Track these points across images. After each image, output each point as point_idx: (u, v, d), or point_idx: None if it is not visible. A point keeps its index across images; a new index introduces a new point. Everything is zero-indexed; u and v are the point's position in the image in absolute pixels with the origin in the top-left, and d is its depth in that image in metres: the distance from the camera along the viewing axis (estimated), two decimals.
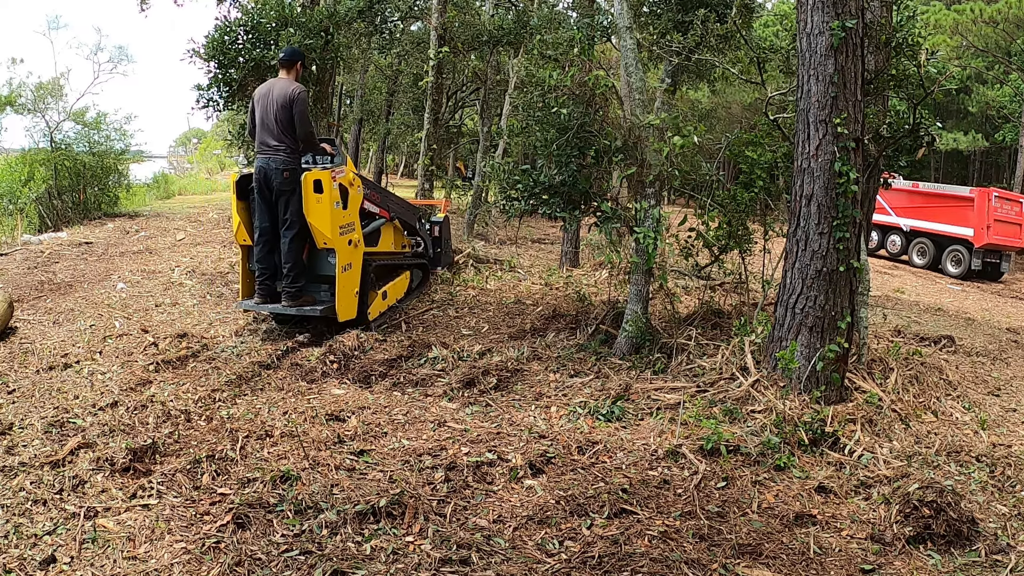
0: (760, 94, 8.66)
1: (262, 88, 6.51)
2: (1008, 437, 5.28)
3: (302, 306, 6.40)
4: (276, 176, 6.23)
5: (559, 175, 6.28)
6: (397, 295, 7.82)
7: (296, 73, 6.52)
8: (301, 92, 6.28)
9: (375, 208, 7.20)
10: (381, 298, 7.29)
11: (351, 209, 6.51)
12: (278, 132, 6.24)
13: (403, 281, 8.02)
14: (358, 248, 6.60)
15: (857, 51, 5.18)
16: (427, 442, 4.53)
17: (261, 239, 6.45)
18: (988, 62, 24.49)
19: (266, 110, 6.28)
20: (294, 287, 6.37)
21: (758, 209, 6.80)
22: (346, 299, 6.48)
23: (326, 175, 6.19)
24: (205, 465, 4.02)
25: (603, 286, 8.87)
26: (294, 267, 6.35)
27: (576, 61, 6.20)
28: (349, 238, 6.44)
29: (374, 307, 7.09)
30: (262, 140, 6.31)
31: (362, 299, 6.70)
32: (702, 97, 28.02)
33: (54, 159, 12.51)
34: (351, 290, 6.53)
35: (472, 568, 3.18)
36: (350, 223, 6.48)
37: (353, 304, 6.57)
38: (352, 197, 6.53)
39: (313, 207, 6.19)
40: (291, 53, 6.54)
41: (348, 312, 6.52)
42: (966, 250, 18.17)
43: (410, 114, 24.24)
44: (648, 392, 5.43)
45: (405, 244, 8.31)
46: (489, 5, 16.91)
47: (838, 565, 3.37)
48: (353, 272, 6.52)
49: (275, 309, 6.46)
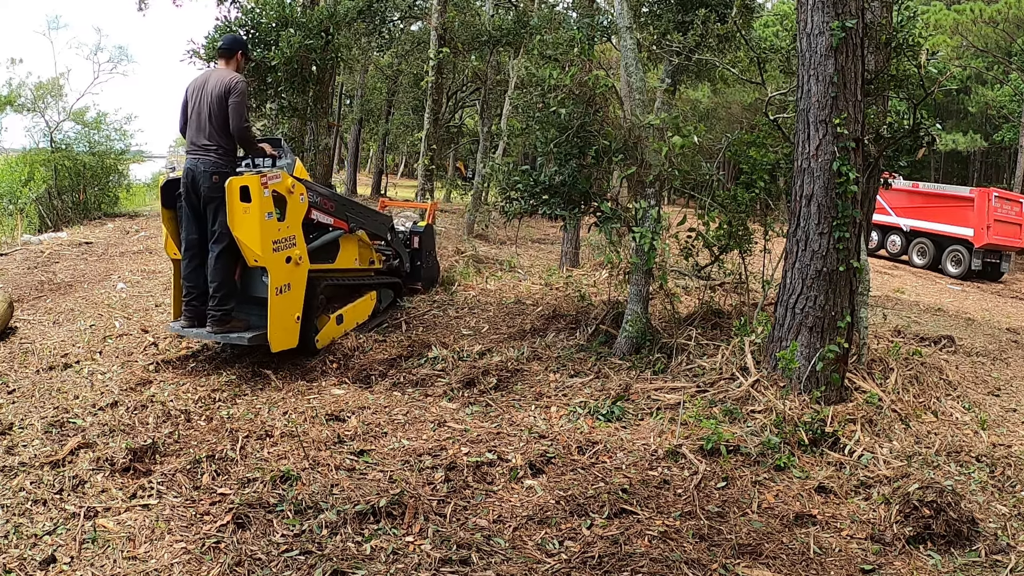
0: (760, 94, 8.67)
1: (196, 80, 5.76)
2: (1008, 437, 5.28)
3: (228, 332, 5.50)
4: (204, 180, 5.44)
5: (559, 175, 6.29)
6: (358, 318, 6.84)
7: (237, 64, 5.77)
8: (239, 83, 5.51)
9: (328, 218, 6.25)
10: (335, 323, 6.38)
11: (290, 220, 5.58)
12: (210, 130, 5.48)
13: (366, 303, 7.01)
14: (299, 266, 5.62)
15: (857, 51, 5.18)
16: (427, 442, 4.53)
17: (188, 253, 5.65)
18: (988, 62, 24.51)
19: (199, 105, 5.53)
20: (220, 310, 5.52)
21: (758, 209, 6.81)
22: (281, 325, 5.52)
23: (254, 180, 5.24)
24: (205, 465, 4.02)
25: (603, 286, 8.88)
26: (221, 286, 5.51)
27: (576, 61, 6.20)
28: (287, 255, 5.50)
29: (325, 333, 6.21)
30: (192, 139, 5.57)
31: (306, 324, 5.84)
32: (702, 97, 28.03)
33: (54, 159, 12.52)
34: (288, 315, 5.59)
35: (472, 568, 3.18)
36: (288, 237, 5.53)
37: (292, 331, 5.64)
38: (292, 206, 5.61)
39: (239, 218, 5.28)
40: (230, 41, 5.80)
41: (285, 340, 5.58)
42: (966, 250, 18.19)
43: (410, 114, 24.27)
44: (648, 392, 5.43)
45: (373, 259, 7.41)
46: (489, 5, 16.92)
47: (838, 565, 3.37)
48: (292, 294, 5.58)
49: (200, 334, 5.63)
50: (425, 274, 8.53)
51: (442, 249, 11.67)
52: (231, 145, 5.57)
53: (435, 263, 8.89)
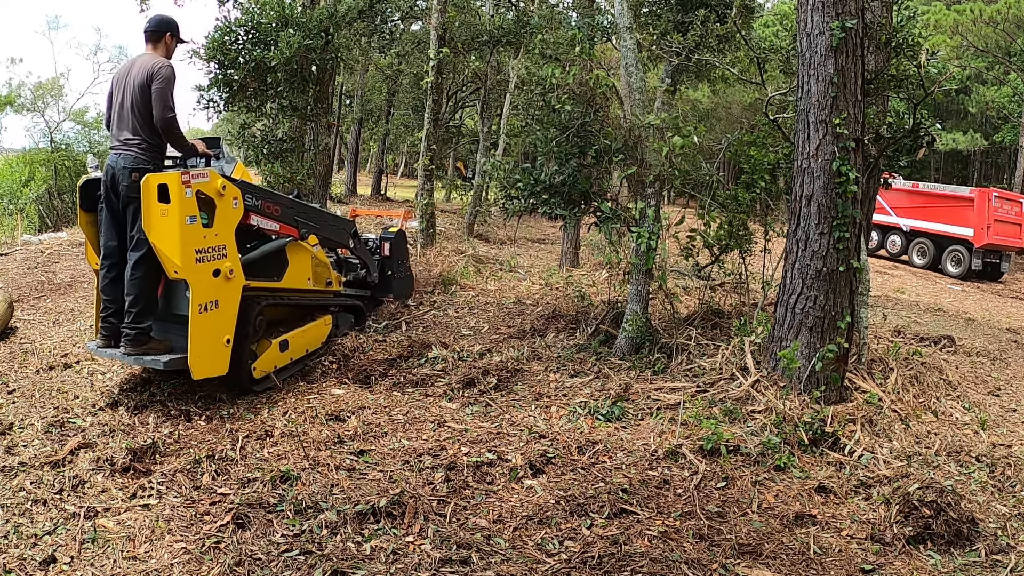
0: (760, 94, 8.67)
1: (121, 68, 5.13)
2: (1008, 437, 5.28)
3: (143, 355, 4.75)
4: (123, 178, 4.75)
5: (559, 174, 6.29)
6: (308, 345, 5.91)
7: (166, 48, 5.07)
8: (164, 67, 4.80)
9: (272, 224, 5.46)
10: (278, 349, 5.46)
11: (220, 227, 4.79)
12: (133, 122, 4.82)
13: (319, 328, 6.07)
14: (231, 281, 4.83)
15: (857, 51, 5.18)
16: (427, 442, 4.53)
17: (106, 262, 4.93)
18: (988, 62, 24.51)
19: (123, 95, 4.89)
20: (135, 328, 4.75)
21: (758, 209, 6.81)
22: (205, 349, 4.70)
23: (174, 178, 4.51)
24: (205, 465, 4.02)
25: (603, 286, 8.88)
26: (137, 300, 4.74)
27: (577, 60, 6.20)
28: (214, 267, 4.71)
29: (264, 360, 5.31)
30: (115, 134, 4.96)
31: (239, 349, 5.02)
32: (702, 97, 28.04)
33: (54, 159, 12.54)
34: (215, 337, 4.76)
35: (472, 568, 3.18)
36: (217, 246, 4.74)
37: (219, 356, 4.80)
38: (223, 211, 4.82)
39: (156, 222, 4.53)
40: (156, 22, 5.07)
41: (210, 366, 4.75)
42: (966, 250, 18.18)
43: (410, 114, 24.28)
44: (648, 392, 5.43)
45: (331, 280, 6.48)
46: (489, 5, 16.92)
47: (838, 565, 3.37)
48: (221, 313, 4.78)
49: (114, 355, 4.90)
50: (397, 285, 7.76)
51: (442, 249, 11.66)
52: (156, 140, 4.87)
53: (408, 273, 8.11)
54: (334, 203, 17.59)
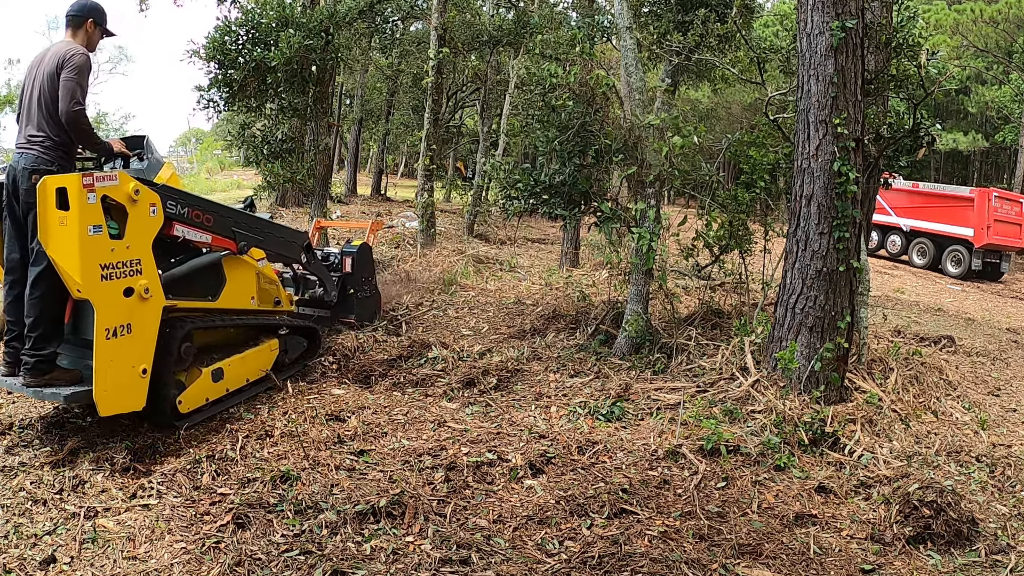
0: (760, 94, 8.67)
1: (35, 57, 4.44)
2: (1008, 437, 5.28)
3: (43, 386, 4.07)
4: (23, 181, 4.11)
5: (559, 174, 6.29)
6: (249, 374, 5.16)
7: (87, 36, 4.40)
8: (77, 55, 4.16)
9: (202, 236, 4.73)
10: (210, 379, 4.75)
11: (133, 238, 4.06)
12: (39, 117, 4.19)
13: (262, 353, 5.31)
14: (147, 301, 4.09)
15: (857, 51, 5.18)
16: (427, 442, 4.53)
17: (8, 278, 4.32)
18: (988, 62, 24.51)
19: (32, 86, 4.27)
20: (36, 355, 4.08)
21: (758, 209, 6.81)
22: (114, 380, 3.96)
23: (74, 181, 3.83)
24: (205, 465, 4.02)
25: (603, 286, 8.88)
26: (38, 323, 4.08)
27: (577, 60, 6.20)
28: (125, 284, 4.00)
29: (193, 392, 4.62)
30: (22, 130, 4.33)
31: (158, 380, 4.28)
32: (702, 97, 28.05)
33: None
34: (126, 366, 4.02)
35: (472, 568, 3.18)
36: (128, 261, 4.02)
37: (133, 388, 4.06)
38: (136, 219, 4.10)
39: (54, 232, 3.85)
40: (80, 7, 4.39)
41: (121, 400, 4.03)
42: (966, 250, 18.18)
43: (410, 114, 24.27)
44: (648, 392, 5.43)
45: (280, 299, 5.72)
46: (489, 5, 16.92)
47: (838, 565, 3.37)
48: (134, 339, 4.05)
49: (13, 385, 4.19)
50: (360, 306, 6.89)
51: (442, 249, 11.65)
52: (64, 137, 4.20)
53: (375, 291, 7.26)
54: (334, 203, 17.59)
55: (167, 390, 4.42)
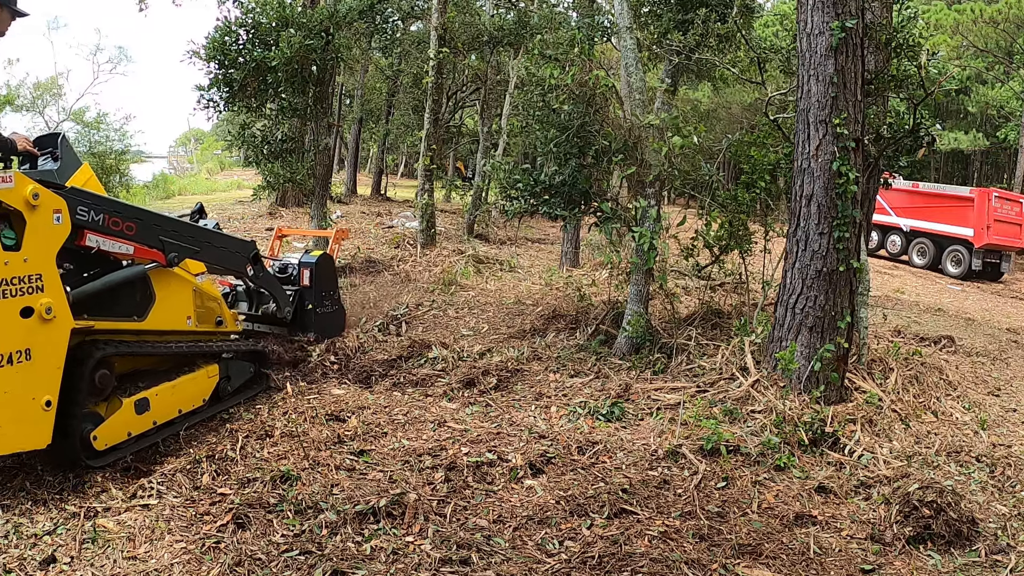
0: (760, 94, 8.67)
1: None
2: (1008, 437, 5.28)
3: None
4: None
5: (559, 175, 6.29)
6: (182, 404, 4.54)
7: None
8: None
9: (123, 246, 4.15)
10: (133, 411, 4.14)
11: (32, 249, 3.54)
12: None
13: (199, 381, 4.71)
14: (50, 322, 3.57)
15: (857, 51, 5.18)
16: (427, 442, 4.53)
17: None
18: (988, 62, 24.51)
19: None
20: None
21: (758, 209, 6.81)
22: (11, 414, 3.45)
23: None
24: (205, 465, 4.02)
25: (603, 286, 8.88)
26: None
27: (577, 60, 6.20)
28: (22, 303, 3.48)
29: (112, 426, 4.00)
30: None
31: (67, 413, 3.72)
32: (702, 97, 28.05)
33: None
34: (23, 398, 3.49)
35: (472, 568, 3.18)
36: (25, 276, 3.50)
37: (34, 423, 3.52)
38: (36, 227, 3.57)
39: None
40: None
41: (19, 437, 3.50)
42: (966, 250, 18.18)
43: (410, 114, 24.23)
44: (648, 392, 5.43)
45: (223, 319, 5.11)
46: (489, 5, 16.92)
47: (838, 565, 3.37)
48: (34, 366, 3.52)
49: None
50: (319, 321, 6.27)
51: (442, 249, 11.64)
52: None
53: (338, 306, 6.67)
54: (334, 203, 17.59)
55: (78, 424, 3.81)
